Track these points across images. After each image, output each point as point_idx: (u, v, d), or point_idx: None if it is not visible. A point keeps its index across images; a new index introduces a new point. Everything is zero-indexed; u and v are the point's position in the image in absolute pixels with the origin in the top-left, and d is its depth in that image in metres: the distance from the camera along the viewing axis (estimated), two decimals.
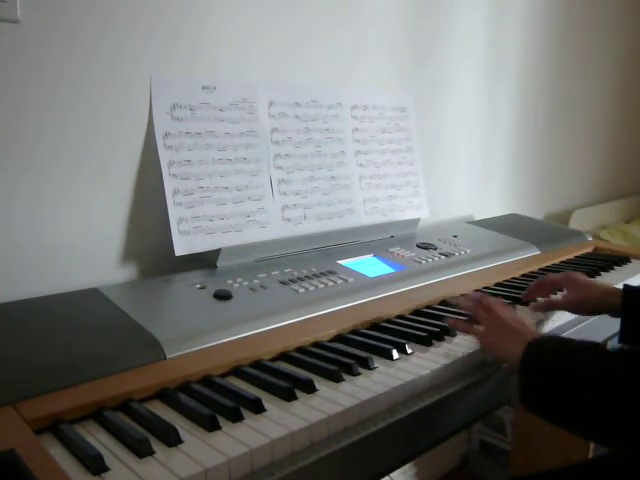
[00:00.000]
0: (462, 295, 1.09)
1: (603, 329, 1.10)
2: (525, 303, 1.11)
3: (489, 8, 1.84)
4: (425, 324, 0.97)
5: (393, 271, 1.22)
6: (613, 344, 1.13)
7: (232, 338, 0.87)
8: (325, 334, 0.92)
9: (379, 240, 1.41)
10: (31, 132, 0.97)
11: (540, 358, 0.79)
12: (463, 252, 1.38)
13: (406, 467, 1.79)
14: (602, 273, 1.37)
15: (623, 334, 0.98)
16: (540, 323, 1.04)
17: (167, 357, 0.80)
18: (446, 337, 0.93)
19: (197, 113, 1.13)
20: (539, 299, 1.12)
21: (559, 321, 1.07)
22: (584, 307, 1.05)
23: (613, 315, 1.02)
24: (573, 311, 1.06)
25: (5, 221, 0.96)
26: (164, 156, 1.08)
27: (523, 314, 1.04)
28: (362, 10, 1.47)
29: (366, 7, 1.48)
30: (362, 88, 1.48)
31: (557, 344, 0.81)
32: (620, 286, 1.27)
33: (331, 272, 1.14)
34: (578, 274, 1.10)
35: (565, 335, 1.05)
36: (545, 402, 0.78)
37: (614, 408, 0.70)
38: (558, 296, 1.13)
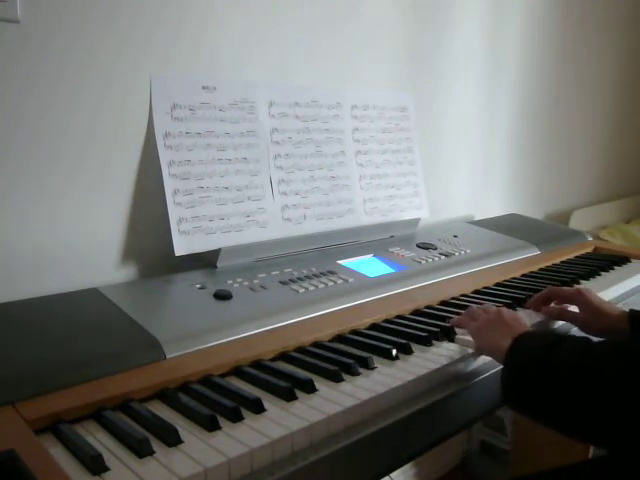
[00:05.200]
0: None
1: None
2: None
3: (489, 8, 1.84)
4: (425, 324, 0.97)
5: (393, 271, 1.22)
6: None
7: (232, 338, 0.87)
8: (325, 334, 0.92)
9: (379, 240, 1.41)
10: (31, 132, 0.97)
11: (524, 351, 0.77)
12: (463, 252, 1.38)
13: (406, 467, 1.78)
14: (602, 273, 1.37)
15: None
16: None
17: (167, 357, 0.80)
18: (446, 337, 0.93)
19: (197, 113, 1.13)
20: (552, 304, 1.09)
21: None
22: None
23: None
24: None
25: (5, 221, 0.96)
26: (164, 156, 1.08)
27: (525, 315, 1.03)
28: (362, 10, 1.47)
29: (366, 7, 1.48)
30: (362, 88, 1.48)
31: (544, 338, 0.79)
32: (620, 286, 1.28)
33: (331, 272, 1.14)
34: (590, 293, 1.04)
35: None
36: (527, 398, 0.75)
37: (599, 404, 0.68)
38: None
